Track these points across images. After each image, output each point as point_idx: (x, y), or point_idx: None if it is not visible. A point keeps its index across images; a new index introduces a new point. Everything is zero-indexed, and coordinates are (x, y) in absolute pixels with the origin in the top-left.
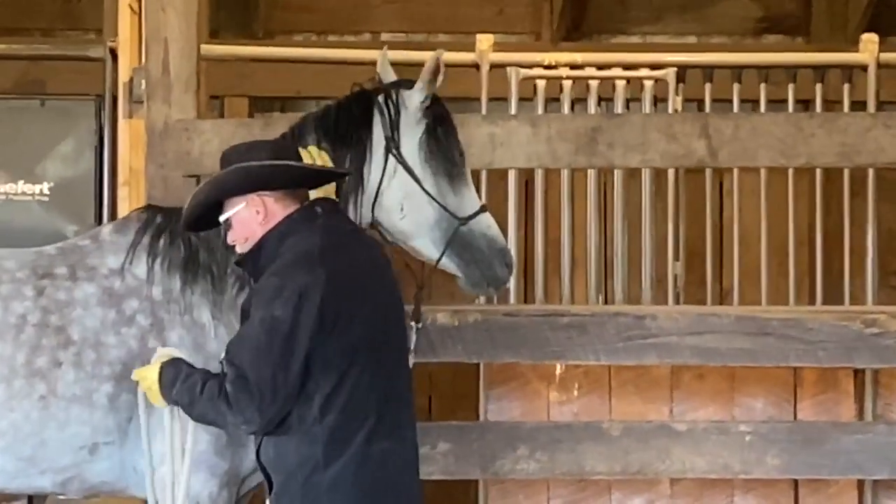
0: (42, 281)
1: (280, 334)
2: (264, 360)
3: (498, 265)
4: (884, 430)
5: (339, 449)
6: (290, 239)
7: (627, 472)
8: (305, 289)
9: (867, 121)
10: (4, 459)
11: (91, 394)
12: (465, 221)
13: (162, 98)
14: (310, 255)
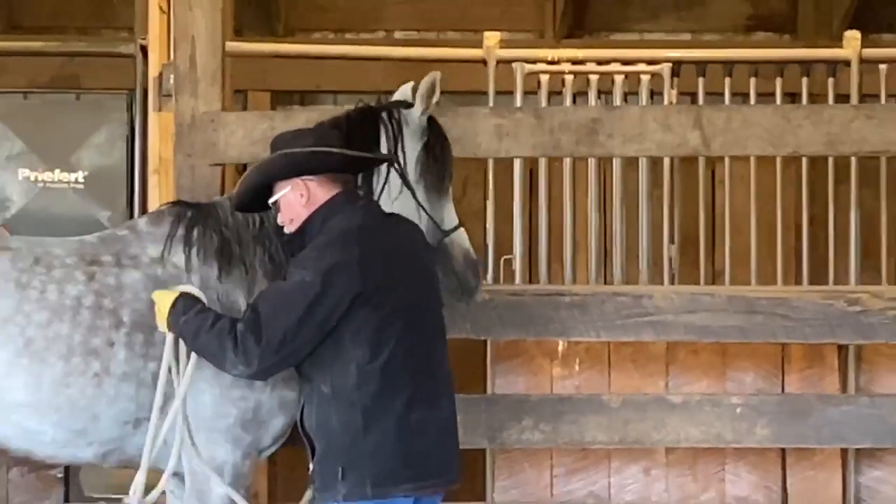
0: (91, 267)
1: (305, 297)
2: (283, 314)
3: (471, 276)
4: (866, 403)
5: (378, 416)
6: (333, 219)
7: (626, 442)
8: (339, 264)
9: (850, 113)
10: (57, 431)
11: (138, 372)
12: (448, 234)
13: (189, 92)
14: (349, 233)
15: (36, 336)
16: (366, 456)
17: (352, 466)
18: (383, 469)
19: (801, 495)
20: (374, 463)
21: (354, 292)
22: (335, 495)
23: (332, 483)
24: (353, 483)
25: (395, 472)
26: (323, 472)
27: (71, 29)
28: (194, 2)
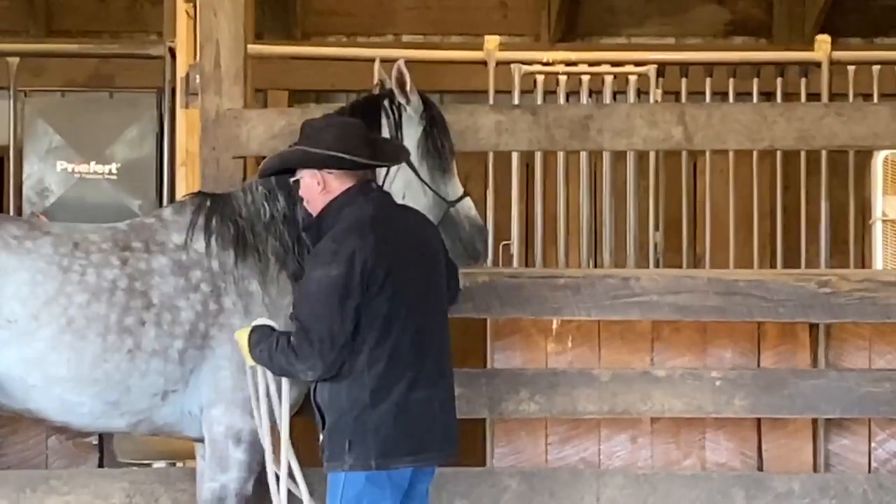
0: (124, 252)
1: (335, 291)
2: (322, 314)
3: (478, 240)
4: (835, 376)
5: (383, 395)
6: (347, 209)
7: (614, 412)
8: (356, 252)
9: (821, 110)
10: (94, 403)
11: (167, 349)
12: (453, 204)
13: (214, 91)
14: (362, 223)
15: (77, 315)
16: (371, 431)
17: (358, 440)
18: (386, 443)
19: (776, 461)
20: (377, 437)
21: (370, 279)
22: (342, 465)
23: (340, 454)
24: (358, 455)
25: (397, 446)
26: (331, 443)
27: (105, 33)
28: (218, 8)
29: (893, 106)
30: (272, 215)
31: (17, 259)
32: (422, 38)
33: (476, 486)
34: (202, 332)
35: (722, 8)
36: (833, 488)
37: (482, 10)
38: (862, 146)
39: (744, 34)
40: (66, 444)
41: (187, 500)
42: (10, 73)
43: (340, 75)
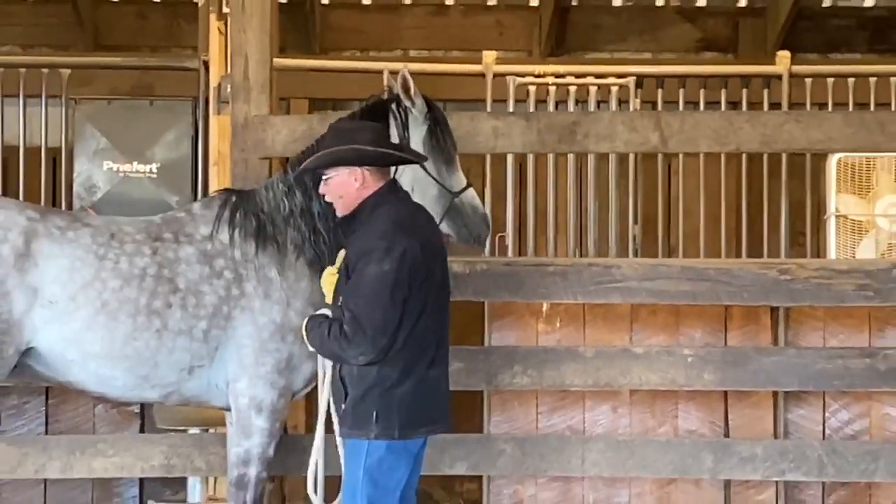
0: (155, 243)
1: (388, 285)
2: (376, 304)
3: (480, 225)
4: (793, 353)
5: (409, 373)
6: (381, 208)
7: (597, 385)
8: (406, 251)
9: (782, 117)
10: (126, 376)
11: (192, 329)
12: (458, 195)
13: (243, 99)
14: (406, 224)
15: (110, 299)
16: (395, 405)
17: (384, 412)
18: (408, 416)
19: (740, 429)
20: (401, 411)
21: (418, 274)
22: (368, 434)
23: (367, 424)
24: (384, 426)
25: (417, 419)
26: (357, 413)
27: (146, 47)
28: (247, 25)
29: (846, 114)
30: (291, 210)
31: (59, 247)
32: (427, 52)
33: (475, 451)
34: (225, 314)
35: (693, 27)
36: (791, 453)
37: (480, 28)
38: (818, 149)
39: (713, 50)
40: (111, 412)
41: (219, 463)
42: (62, 83)
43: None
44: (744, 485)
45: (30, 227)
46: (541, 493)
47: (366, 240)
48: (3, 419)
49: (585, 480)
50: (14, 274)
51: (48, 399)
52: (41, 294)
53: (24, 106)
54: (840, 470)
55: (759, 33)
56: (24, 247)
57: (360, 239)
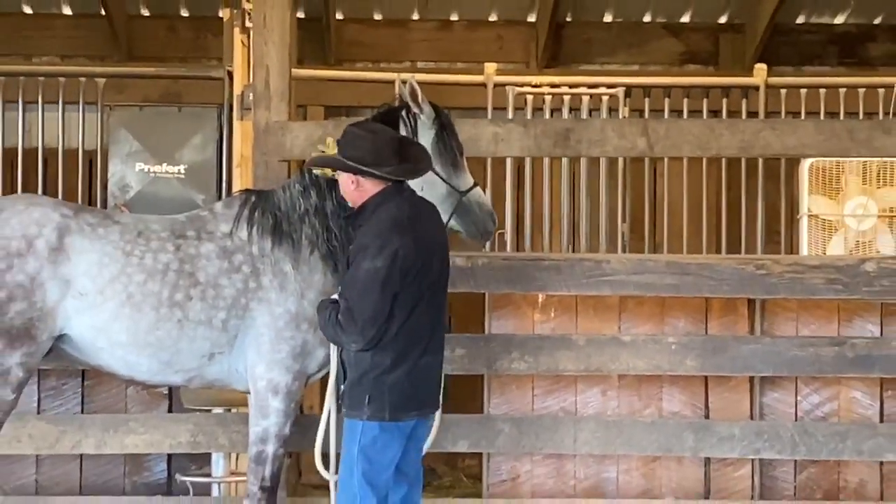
0: (178, 240)
1: (379, 280)
2: (367, 298)
3: (487, 222)
4: (768, 342)
5: (401, 360)
6: (383, 206)
7: (589, 370)
8: (398, 249)
9: (759, 125)
10: (150, 362)
11: (211, 319)
12: (465, 193)
13: (264, 106)
14: (402, 222)
15: (135, 292)
16: (387, 390)
17: (376, 396)
18: (398, 400)
19: (719, 411)
20: (392, 395)
21: (408, 270)
22: (361, 415)
23: (360, 406)
24: (375, 408)
25: (406, 403)
26: (352, 396)
27: (175, 58)
28: (268, 39)
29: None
30: (306, 209)
31: (90, 243)
32: (433, 64)
33: (476, 430)
34: (243, 306)
35: (677, 41)
36: (766, 433)
37: (482, 41)
38: (792, 155)
39: (695, 63)
40: (141, 393)
41: (241, 440)
42: (98, 91)
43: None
44: (722, 462)
45: (63, 223)
46: (536, 469)
47: (364, 237)
48: (43, 399)
49: (577, 458)
50: (48, 266)
51: (84, 381)
52: (73, 286)
53: (62, 112)
54: (811, 449)
55: (738, 47)
56: (58, 241)
57: (360, 235)
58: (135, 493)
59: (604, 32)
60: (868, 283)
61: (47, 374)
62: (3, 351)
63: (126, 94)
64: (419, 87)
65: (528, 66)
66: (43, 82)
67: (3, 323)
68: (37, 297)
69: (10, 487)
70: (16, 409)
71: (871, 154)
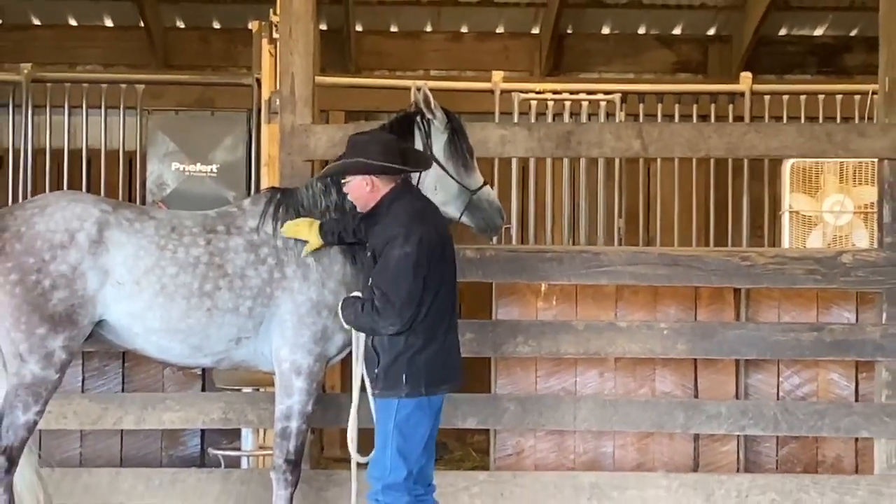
0: (209, 234)
1: (411, 264)
2: (401, 282)
3: (496, 217)
4: (752, 327)
5: (431, 340)
6: (397, 202)
7: (588, 353)
8: (424, 235)
9: (744, 128)
10: (181, 347)
11: (238, 307)
12: (475, 192)
13: (290, 111)
14: (421, 214)
15: (168, 283)
16: (421, 366)
17: (412, 374)
18: (432, 375)
19: (707, 391)
20: (427, 371)
21: (434, 254)
22: (399, 393)
23: (397, 385)
24: (412, 385)
25: (439, 377)
26: (389, 377)
27: (208, 67)
28: (294, 49)
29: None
30: (327, 206)
31: (127, 236)
32: (444, 72)
33: (483, 408)
34: (268, 294)
35: (669, 51)
36: (751, 411)
37: (490, 51)
38: (775, 156)
39: (686, 71)
40: (177, 374)
41: (268, 417)
42: (137, 96)
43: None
44: (710, 438)
45: (103, 217)
46: (539, 444)
47: (388, 229)
48: (87, 379)
49: (577, 434)
50: (88, 257)
51: (125, 362)
52: (111, 276)
53: (105, 116)
54: (792, 426)
55: (725, 57)
56: (98, 235)
57: (384, 229)
58: (171, 465)
59: (602, 43)
60: (845, 274)
61: (91, 356)
62: (47, 335)
63: (163, 100)
64: (432, 94)
65: (532, 74)
66: (87, 88)
67: (47, 309)
68: (78, 285)
69: (57, 460)
70: (62, 388)
71: (847, 155)
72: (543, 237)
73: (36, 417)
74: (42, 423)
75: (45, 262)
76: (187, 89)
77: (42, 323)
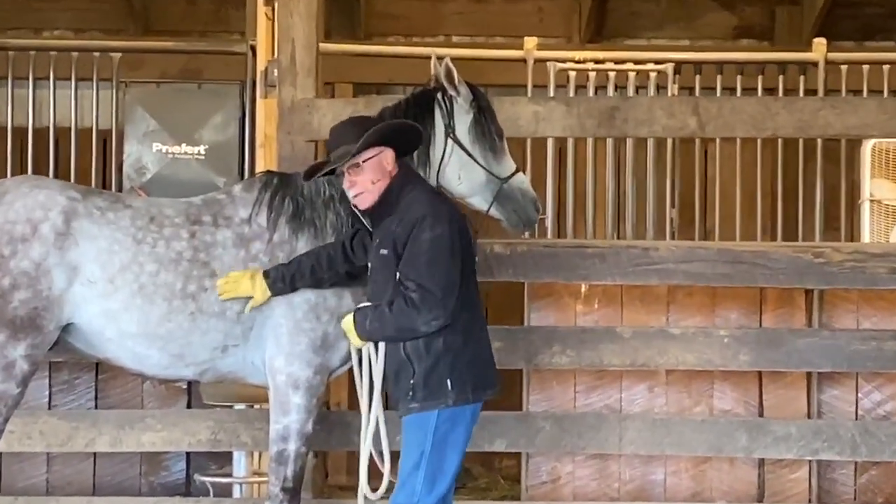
0: (193, 226)
1: (444, 246)
2: (436, 268)
3: (530, 210)
4: (827, 335)
5: (469, 337)
6: (408, 187)
7: (635, 365)
8: (451, 214)
9: (818, 103)
10: (161, 355)
11: (225, 311)
12: (506, 181)
13: (290, 83)
14: (439, 196)
15: (147, 283)
16: (465, 367)
17: (457, 378)
18: (478, 376)
19: (774, 409)
20: (471, 372)
21: (464, 238)
22: (445, 402)
23: (441, 393)
24: (459, 390)
25: (485, 378)
26: (429, 385)
27: (194, 32)
28: (294, 11)
29: (881, 100)
30: (331, 194)
31: (98, 228)
32: (468, 38)
33: (514, 428)
34: None
35: (730, 14)
36: (825, 432)
37: (521, 14)
38: (853, 135)
39: (749, 37)
40: (159, 388)
41: (263, 438)
42: (113, 66)
43: (398, 71)
44: (777, 463)
45: (70, 206)
46: (578, 469)
47: (411, 212)
48: (55, 394)
49: (622, 458)
50: (54, 252)
51: (98, 375)
52: (81, 273)
53: (75, 89)
54: (873, 450)
55: (795, 21)
56: (64, 226)
57: (405, 213)
58: (151, 493)
59: (651, 5)
60: None
61: (59, 367)
62: (6, 342)
63: (143, 71)
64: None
65: (571, 41)
66: (54, 57)
67: (6, 312)
68: (42, 284)
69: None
70: (26, 404)
71: None
72: (584, 230)
73: None
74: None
75: (3, 258)
76: (171, 58)
77: (1, 328)
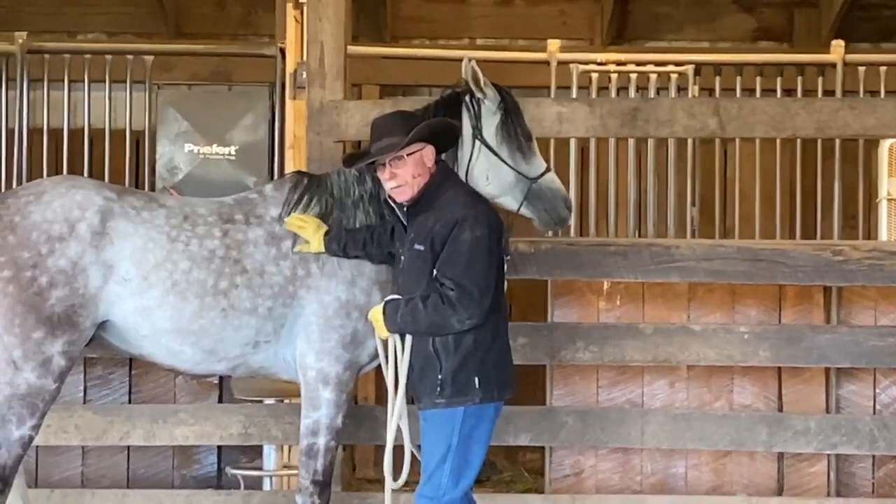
0: (226, 225)
1: (483, 247)
2: (475, 268)
3: (561, 208)
4: (846, 332)
5: (496, 335)
6: (446, 184)
7: (656, 361)
8: (490, 216)
9: (837, 104)
10: (194, 351)
11: (257, 307)
12: (536, 180)
13: (318, 85)
14: (479, 196)
15: (180, 280)
16: (492, 366)
17: (484, 375)
18: (504, 374)
19: (793, 404)
20: (498, 370)
21: (499, 239)
22: (472, 399)
23: (469, 390)
24: (486, 388)
25: (510, 376)
26: (457, 381)
27: (225, 35)
28: (323, 15)
29: None
30: (360, 195)
31: (133, 226)
32: (493, 41)
33: (538, 423)
34: (291, 293)
35: (749, 17)
36: (843, 427)
37: (545, 17)
38: (871, 135)
39: (768, 39)
40: (191, 383)
41: (293, 432)
42: (145, 69)
43: (424, 73)
44: (796, 457)
45: (106, 206)
46: (600, 463)
47: (451, 210)
48: (89, 389)
49: (644, 452)
50: (90, 251)
51: (132, 370)
52: (116, 271)
53: (109, 91)
54: (891, 444)
55: (813, 23)
56: (100, 225)
57: (445, 212)
58: (184, 486)
59: (672, 7)
60: None
61: (94, 362)
62: (44, 339)
63: (174, 73)
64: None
65: (593, 43)
66: (89, 60)
67: (44, 310)
68: (79, 282)
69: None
70: (61, 399)
71: None
72: (606, 228)
73: (32, 433)
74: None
75: (41, 256)
76: (202, 61)
77: (38, 325)
